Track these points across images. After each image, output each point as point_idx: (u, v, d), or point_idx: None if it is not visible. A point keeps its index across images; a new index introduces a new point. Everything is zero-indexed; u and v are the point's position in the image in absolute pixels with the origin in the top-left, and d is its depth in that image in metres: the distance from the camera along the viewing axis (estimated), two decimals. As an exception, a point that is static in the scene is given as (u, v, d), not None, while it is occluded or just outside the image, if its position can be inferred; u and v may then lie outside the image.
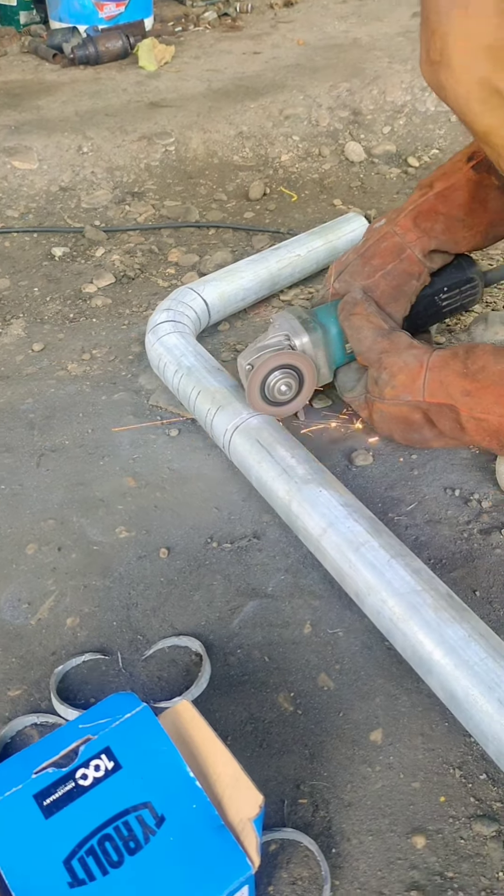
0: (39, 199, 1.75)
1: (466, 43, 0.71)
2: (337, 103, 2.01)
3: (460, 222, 1.03)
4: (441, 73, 0.74)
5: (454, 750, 0.75)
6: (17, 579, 0.91)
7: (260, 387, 0.99)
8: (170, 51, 2.27)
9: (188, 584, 0.91)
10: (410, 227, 1.03)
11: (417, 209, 1.04)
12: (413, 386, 0.94)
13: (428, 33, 0.73)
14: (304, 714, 0.78)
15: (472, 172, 1.02)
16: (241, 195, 1.78)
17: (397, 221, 1.04)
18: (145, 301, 1.43)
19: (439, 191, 1.03)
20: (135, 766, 0.61)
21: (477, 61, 0.71)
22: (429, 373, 0.93)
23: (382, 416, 0.99)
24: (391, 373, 0.96)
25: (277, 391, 1.00)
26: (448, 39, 0.71)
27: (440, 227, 1.03)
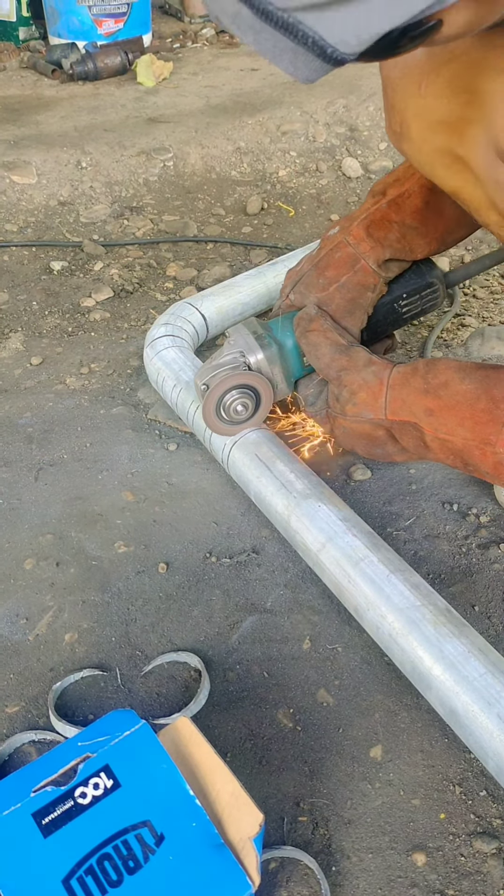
0: (38, 213, 1.75)
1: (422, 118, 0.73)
2: (334, 119, 2.03)
3: (414, 230, 0.99)
4: (403, 143, 0.77)
5: (454, 766, 0.75)
6: (15, 594, 0.91)
7: (215, 407, 0.98)
8: (168, 67, 2.29)
9: (187, 599, 0.91)
10: (363, 236, 0.99)
11: (370, 218, 0.99)
12: (375, 404, 0.91)
13: (388, 107, 0.76)
14: (304, 730, 0.78)
15: (426, 180, 0.94)
16: (238, 210, 1.79)
17: (350, 230, 1.00)
18: (143, 315, 1.43)
19: (392, 198, 0.99)
20: (134, 785, 0.61)
21: (434, 134, 0.73)
22: (390, 391, 0.90)
23: (345, 431, 0.96)
24: (351, 390, 0.92)
25: (234, 411, 0.99)
26: (406, 115, 0.74)
27: (394, 236, 0.99)
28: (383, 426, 0.91)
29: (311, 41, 0.51)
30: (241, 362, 0.98)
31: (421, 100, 0.72)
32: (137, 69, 2.26)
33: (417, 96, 0.72)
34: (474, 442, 0.83)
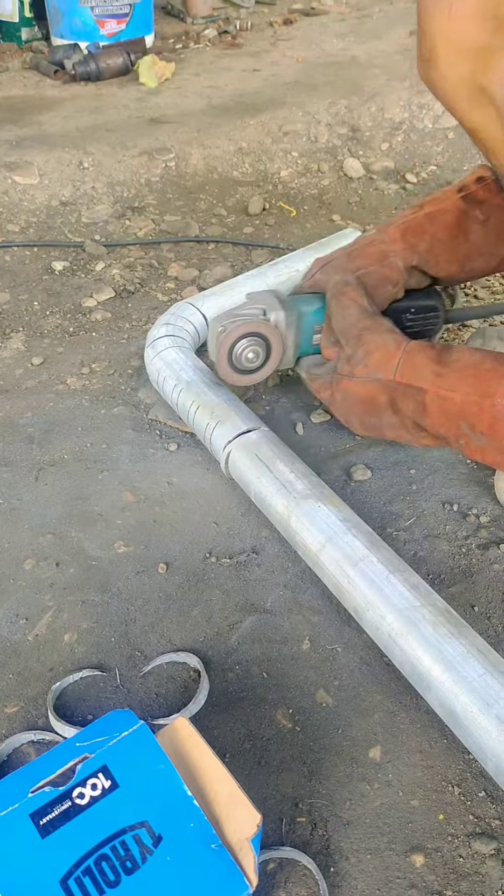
0: (40, 213, 1.76)
1: (451, 44, 0.73)
2: (336, 120, 2.03)
3: (443, 244, 1.08)
4: (431, 71, 0.77)
5: (453, 767, 0.75)
6: (15, 595, 0.91)
7: (228, 350, 1.02)
8: (170, 68, 2.29)
9: (187, 599, 0.91)
10: (398, 238, 1.08)
11: (407, 224, 1.08)
12: (387, 365, 0.95)
13: (420, 33, 0.76)
14: (303, 731, 0.77)
15: (461, 202, 1.07)
16: (240, 210, 1.79)
17: (387, 231, 1.09)
18: (145, 315, 1.43)
19: (429, 211, 1.08)
20: (132, 785, 0.61)
21: (460, 61, 0.73)
22: (405, 355, 0.95)
23: (346, 395, 0.99)
24: (367, 350, 0.97)
25: (245, 358, 1.03)
26: (435, 40, 0.74)
27: (424, 246, 1.08)
28: (388, 390, 0.95)
29: None
30: (260, 317, 1.04)
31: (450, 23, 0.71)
32: (140, 70, 2.27)
33: (448, 18, 0.71)
34: (474, 396, 0.87)
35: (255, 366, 1.05)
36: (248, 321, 1.02)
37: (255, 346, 1.03)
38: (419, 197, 1.83)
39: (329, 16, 2.89)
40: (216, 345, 1.02)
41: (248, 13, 2.91)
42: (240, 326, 1.01)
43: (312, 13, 2.91)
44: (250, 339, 1.03)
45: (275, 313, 1.04)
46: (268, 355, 1.05)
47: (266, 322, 1.03)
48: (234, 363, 1.04)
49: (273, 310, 1.04)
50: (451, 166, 1.95)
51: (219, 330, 1.02)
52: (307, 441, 1.13)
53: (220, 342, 1.01)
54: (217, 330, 1.02)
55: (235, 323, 1.01)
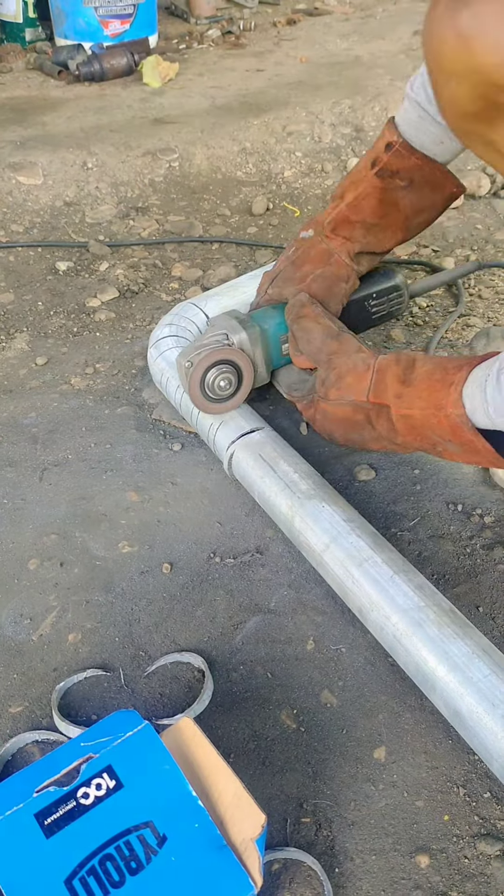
0: (44, 213, 1.76)
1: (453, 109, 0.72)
2: (339, 120, 2.03)
3: (376, 226, 1.07)
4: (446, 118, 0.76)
5: (458, 768, 0.74)
6: (20, 595, 0.91)
7: (200, 383, 1.01)
8: (174, 68, 2.29)
9: (191, 599, 0.91)
10: (332, 235, 1.08)
11: (335, 220, 1.08)
12: (359, 387, 0.95)
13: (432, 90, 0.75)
14: (307, 731, 0.77)
15: (377, 180, 1.04)
16: (244, 210, 1.79)
17: (323, 231, 1.08)
18: (149, 315, 1.43)
19: (349, 202, 1.06)
20: (137, 785, 0.61)
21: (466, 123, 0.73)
22: (375, 375, 0.94)
23: (325, 415, 1.00)
24: (339, 374, 0.96)
25: (218, 387, 1.02)
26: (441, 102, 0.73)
27: (359, 234, 1.07)
28: (364, 409, 0.94)
29: None
30: (223, 343, 1.03)
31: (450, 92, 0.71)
32: (143, 70, 2.27)
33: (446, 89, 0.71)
34: (429, 409, 0.87)
35: (230, 392, 1.03)
36: (211, 350, 1.00)
37: (226, 374, 1.02)
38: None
39: (332, 16, 2.89)
40: (187, 381, 1.01)
41: (252, 13, 2.91)
42: (204, 358, 0.99)
43: (316, 13, 2.91)
44: (219, 368, 1.01)
45: (236, 335, 1.03)
46: (240, 379, 1.04)
47: (230, 347, 1.02)
48: (208, 394, 1.02)
49: (234, 332, 1.03)
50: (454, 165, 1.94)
51: (186, 365, 1.00)
52: (311, 441, 1.12)
53: (191, 377, 0.99)
54: (184, 366, 1.01)
55: (200, 354, 1.00)
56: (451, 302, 1.43)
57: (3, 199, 1.76)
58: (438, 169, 1.06)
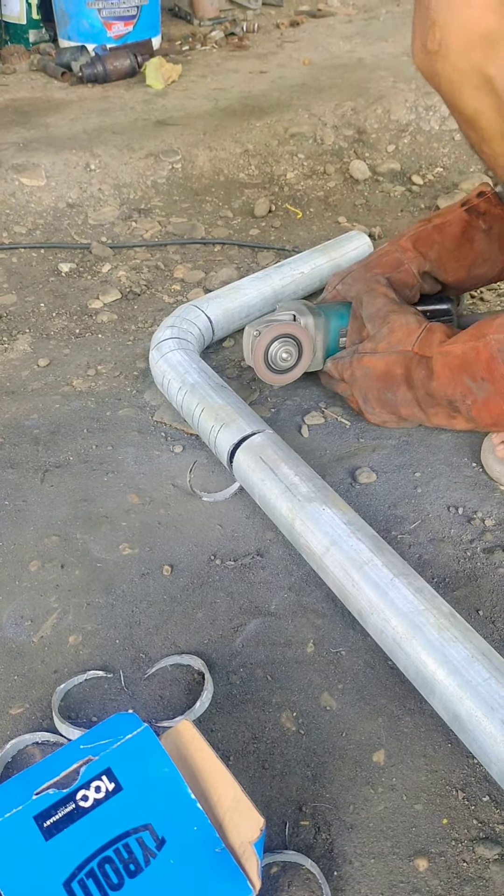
0: (47, 215, 1.76)
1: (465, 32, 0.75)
2: (342, 122, 2.03)
3: (450, 252, 1.19)
4: (437, 62, 0.79)
5: (457, 771, 0.74)
6: (21, 596, 0.91)
7: (264, 351, 1.10)
8: (177, 70, 2.29)
9: (191, 601, 0.91)
10: (409, 247, 1.19)
11: (417, 234, 1.20)
12: (408, 339, 1.06)
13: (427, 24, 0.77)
14: (307, 734, 0.77)
15: (465, 214, 1.20)
16: (246, 212, 1.79)
17: (398, 242, 1.20)
18: (151, 317, 1.43)
19: (436, 224, 1.20)
20: (136, 788, 0.61)
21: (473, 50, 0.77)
22: (425, 332, 1.06)
23: (366, 371, 1.09)
24: (391, 328, 1.07)
25: (280, 358, 1.12)
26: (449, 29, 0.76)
27: (434, 254, 1.19)
28: (404, 361, 1.06)
29: None
30: (291, 321, 1.13)
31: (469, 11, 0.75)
32: (146, 72, 2.27)
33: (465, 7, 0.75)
34: (470, 342, 0.99)
35: (288, 365, 1.13)
36: (281, 323, 1.11)
37: (289, 346, 1.12)
38: (425, 199, 1.83)
39: (336, 17, 2.89)
40: (252, 347, 1.10)
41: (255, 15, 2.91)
42: (274, 328, 1.10)
43: (319, 15, 2.91)
44: (283, 340, 1.11)
45: (305, 318, 1.13)
46: (300, 355, 1.13)
47: (297, 325, 1.12)
48: (269, 363, 1.12)
49: (303, 315, 1.13)
50: (457, 168, 1.95)
51: (253, 334, 1.10)
52: (312, 444, 1.13)
53: (257, 344, 1.09)
54: (252, 334, 1.11)
55: (269, 326, 1.10)
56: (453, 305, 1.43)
57: (6, 201, 1.76)
58: None
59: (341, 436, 1.14)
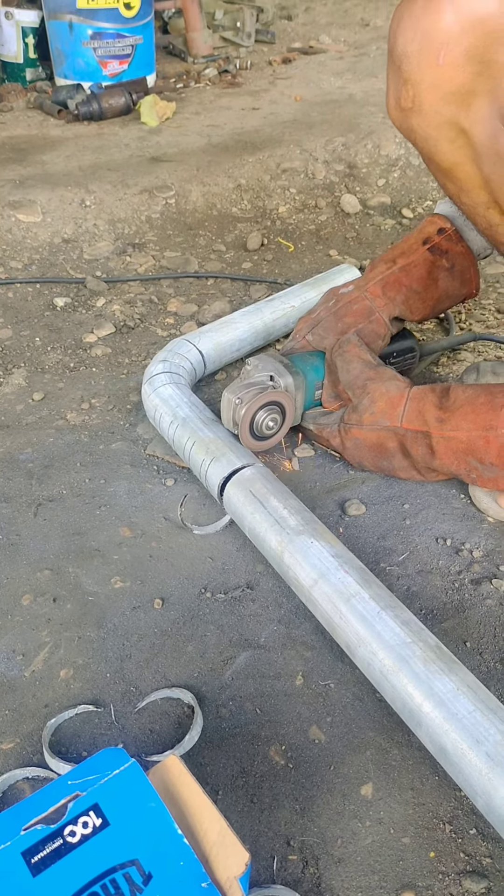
0: (42, 250, 1.79)
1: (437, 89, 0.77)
2: (333, 157, 2.07)
3: (417, 294, 1.18)
4: (412, 119, 0.82)
5: (444, 804, 0.75)
6: (12, 630, 0.92)
7: (250, 423, 1.07)
8: (171, 107, 2.34)
9: (182, 634, 0.92)
10: (379, 293, 1.16)
11: (385, 280, 1.17)
12: (393, 413, 1.02)
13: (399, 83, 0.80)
14: (296, 768, 0.78)
15: (428, 254, 1.18)
16: (239, 246, 1.82)
17: (367, 288, 1.17)
18: (144, 350, 1.45)
19: (402, 265, 1.18)
20: (123, 823, 0.61)
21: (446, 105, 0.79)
22: (409, 402, 1.02)
23: (357, 443, 1.07)
24: (372, 399, 1.04)
25: (265, 426, 1.08)
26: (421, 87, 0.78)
27: (401, 298, 1.17)
28: (396, 435, 1.03)
29: None
30: (269, 385, 1.09)
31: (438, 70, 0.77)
32: (141, 109, 2.32)
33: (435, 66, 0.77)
34: (477, 431, 0.95)
35: (273, 431, 1.10)
36: (264, 391, 1.06)
37: (274, 414, 1.08)
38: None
39: (327, 54, 2.96)
40: (236, 417, 1.06)
41: (248, 52, 2.97)
42: (259, 398, 1.05)
43: (310, 52, 2.98)
44: (268, 409, 1.07)
45: (283, 379, 1.09)
46: (283, 419, 1.10)
47: (281, 391, 1.08)
48: (254, 432, 1.08)
49: (281, 375, 1.09)
50: (446, 202, 1.98)
51: (235, 402, 1.06)
52: (302, 476, 1.14)
53: (243, 415, 1.05)
54: (233, 402, 1.06)
55: (251, 393, 1.06)
56: (443, 335, 1.45)
57: (2, 237, 1.79)
58: (473, 265, 1.21)
59: (331, 468, 1.15)
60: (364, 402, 1.05)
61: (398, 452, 1.04)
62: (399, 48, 0.79)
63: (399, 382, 1.05)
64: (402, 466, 1.06)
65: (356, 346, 1.10)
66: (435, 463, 1.00)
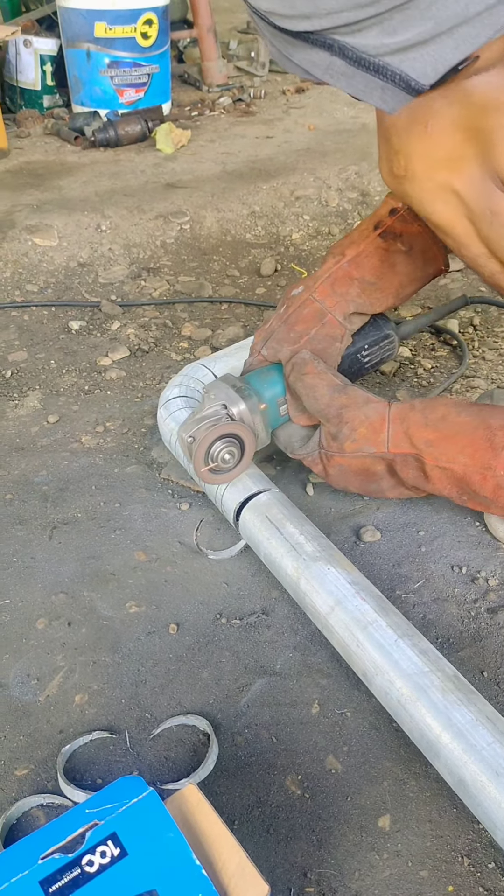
0: (58, 274, 1.81)
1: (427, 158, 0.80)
2: (346, 185, 2.09)
3: (372, 286, 1.09)
4: (406, 185, 0.84)
5: (462, 837, 0.74)
6: (27, 654, 0.92)
7: (204, 458, 1.01)
8: (186, 135, 2.38)
9: (197, 660, 0.91)
10: (329, 293, 1.08)
11: (333, 276, 1.09)
12: (376, 438, 0.97)
13: (391, 153, 0.82)
14: (312, 798, 0.77)
15: (380, 240, 1.09)
16: (253, 271, 1.84)
17: (315, 288, 1.09)
18: (159, 374, 1.46)
19: (351, 258, 1.09)
20: (141, 853, 0.61)
21: (437, 171, 0.81)
22: (391, 425, 0.97)
23: (341, 469, 1.02)
24: (352, 427, 0.98)
25: (222, 460, 1.02)
26: (412, 157, 0.81)
27: (355, 291, 1.09)
28: (384, 460, 0.98)
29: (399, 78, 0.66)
30: (223, 414, 1.03)
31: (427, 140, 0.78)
32: (157, 136, 2.35)
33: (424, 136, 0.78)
34: (474, 468, 0.92)
35: (234, 462, 1.04)
36: (213, 425, 1.00)
37: (229, 447, 1.02)
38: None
39: (339, 84, 3.00)
40: (191, 456, 1.01)
41: (262, 81, 3.02)
42: (209, 433, 1.00)
43: (324, 82, 3.01)
44: (222, 442, 1.01)
45: (236, 407, 1.03)
46: (242, 448, 1.04)
47: (232, 422, 1.02)
48: (212, 467, 1.02)
49: (233, 403, 1.03)
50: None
51: (188, 440, 1.01)
52: (317, 501, 1.14)
53: (195, 453, 1.00)
54: (187, 441, 1.01)
55: (201, 429, 1.00)
56: (456, 363, 1.46)
57: (19, 261, 1.81)
58: (435, 242, 1.11)
59: (345, 494, 1.15)
60: (344, 430, 0.99)
61: (385, 475, 1.00)
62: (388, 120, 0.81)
63: (377, 405, 0.99)
64: (391, 486, 1.02)
65: (313, 366, 1.02)
66: (428, 487, 0.98)
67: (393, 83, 0.66)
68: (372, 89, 0.68)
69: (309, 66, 0.69)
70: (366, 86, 0.68)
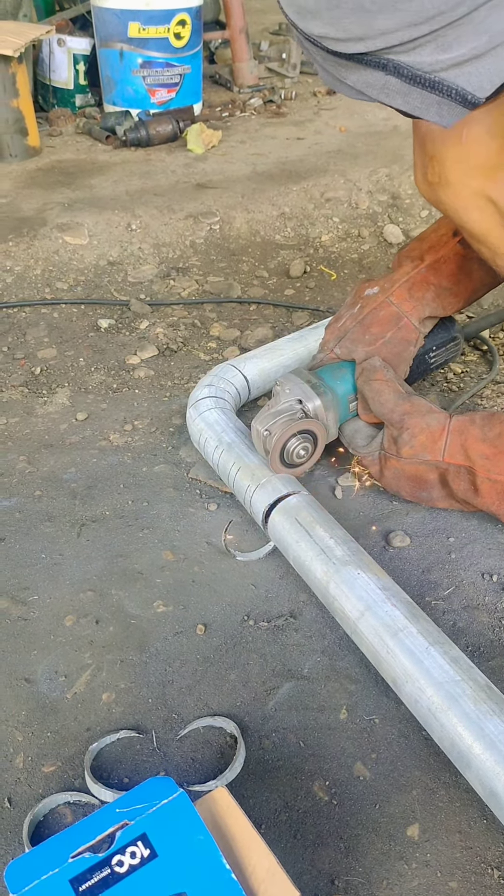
0: (88, 272, 1.81)
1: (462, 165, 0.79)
2: (376, 187, 2.08)
3: (448, 291, 1.12)
4: (440, 192, 0.84)
5: (493, 849, 0.73)
6: (55, 651, 0.92)
7: (280, 453, 1.04)
8: (217, 135, 2.37)
9: (224, 662, 0.91)
10: (406, 297, 1.11)
11: (411, 280, 1.12)
12: (434, 447, 1.00)
13: (426, 159, 0.82)
14: (340, 805, 0.77)
15: (459, 247, 1.11)
16: (282, 273, 1.83)
17: (392, 292, 1.12)
18: (187, 374, 1.46)
19: (430, 263, 1.12)
20: (171, 855, 0.60)
21: (472, 178, 0.81)
22: (450, 436, 0.99)
23: (396, 473, 1.05)
24: (412, 433, 1.01)
25: (296, 455, 1.06)
26: (446, 164, 0.81)
27: (431, 296, 1.11)
28: (438, 469, 1.01)
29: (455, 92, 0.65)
30: (298, 409, 1.06)
31: (462, 147, 0.79)
32: (188, 137, 2.35)
33: (458, 144, 0.79)
34: None
35: (305, 458, 1.08)
36: (291, 421, 1.04)
37: (305, 443, 1.06)
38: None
39: (370, 86, 2.98)
40: (265, 448, 1.04)
41: (293, 83, 3.01)
42: (286, 430, 1.03)
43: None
44: (299, 437, 1.05)
45: (311, 402, 1.06)
46: (315, 444, 1.08)
47: (309, 419, 1.05)
48: (286, 461, 1.06)
49: (309, 399, 1.06)
50: (489, 234, 1.98)
51: (264, 434, 1.04)
52: (346, 505, 1.13)
53: (273, 448, 1.03)
54: (262, 434, 1.04)
55: (278, 423, 1.03)
56: (486, 368, 1.44)
57: (49, 258, 1.82)
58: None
59: (375, 498, 1.14)
60: (404, 435, 1.02)
61: (437, 484, 1.03)
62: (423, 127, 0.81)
63: (438, 415, 1.02)
64: (441, 497, 1.04)
65: (382, 373, 1.06)
66: (477, 501, 0.99)
67: (449, 98, 0.66)
68: (428, 105, 0.67)
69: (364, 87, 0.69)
70: (422, 102, 0.67)
